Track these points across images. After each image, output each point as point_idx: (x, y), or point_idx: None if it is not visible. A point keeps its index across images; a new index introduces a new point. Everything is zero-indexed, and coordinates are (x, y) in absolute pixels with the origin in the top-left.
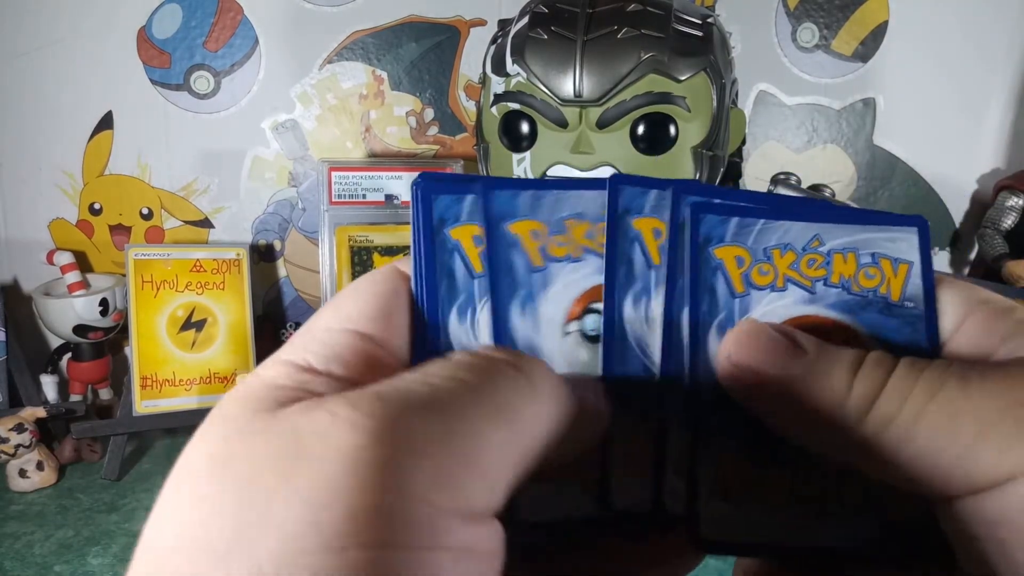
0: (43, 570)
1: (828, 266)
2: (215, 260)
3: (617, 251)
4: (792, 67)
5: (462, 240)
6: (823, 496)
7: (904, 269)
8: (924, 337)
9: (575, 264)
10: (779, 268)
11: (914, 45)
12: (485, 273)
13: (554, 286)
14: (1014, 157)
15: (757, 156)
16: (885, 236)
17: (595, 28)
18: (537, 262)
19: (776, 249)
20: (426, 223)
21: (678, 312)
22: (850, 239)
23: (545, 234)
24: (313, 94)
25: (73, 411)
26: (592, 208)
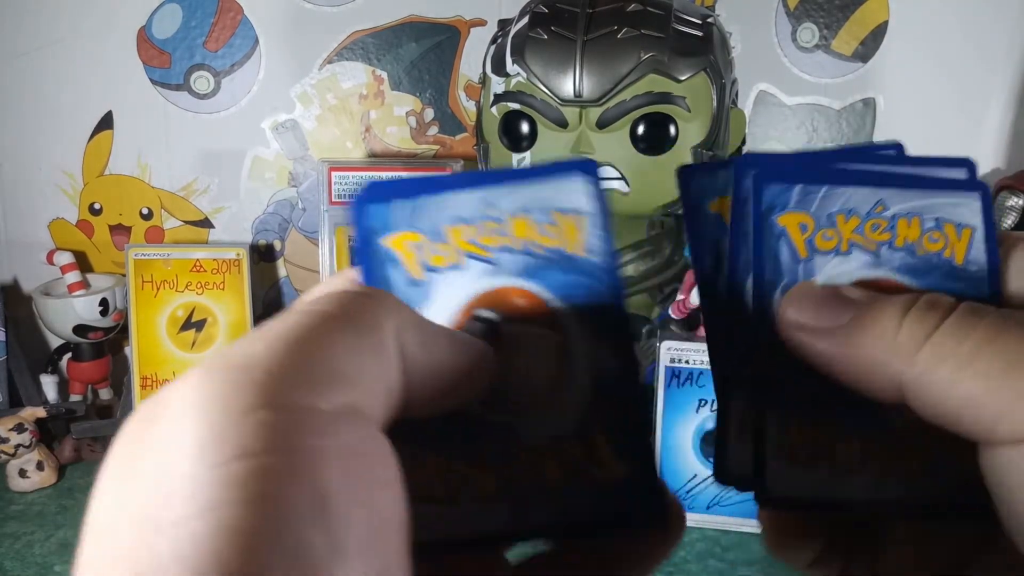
0: (43, 570)
1: (892, 230)
2: (215, 260)
3: (703, 241)
4: (792, 67)
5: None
6: (888, 456)
7: (967, 234)
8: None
9: (457, 272)
10: (843, 233)
11: (914, 45)
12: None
13: (436, 298)
14: (1014, 157)
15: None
16: (948, 201)
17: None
18: (416, 275)
19: (840, 214)
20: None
21: (743, 280)
22: (914, 204)
23: (424, 244)
24: (313, 94)
25: (73, 411)
26: (471, 210)
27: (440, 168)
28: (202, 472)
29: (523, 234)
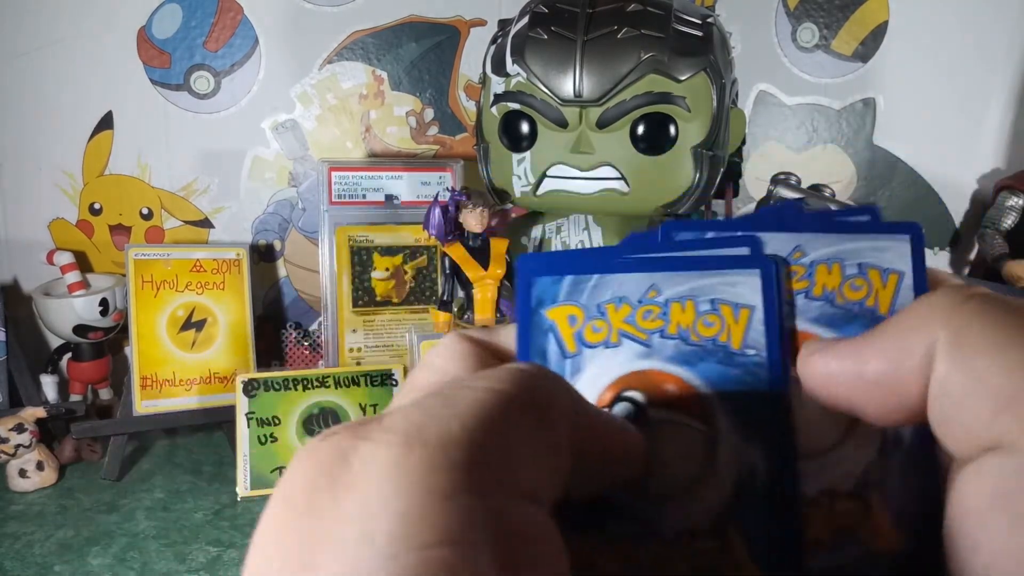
0: (43, 570)
1: (665, 316)
2: (215, 260)
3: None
4: (792, 67)
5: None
6: (655, 563)
7: (745, 314)
8: (767, 385)
9: (611, 350)
10: (613, 323)
11: (914, 45)
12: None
13: (586, 372)
14: (1014, 157)
15: (757, 156)
16: (726, 280)
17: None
18: (571, 348)
19: (611, 304)
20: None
21: None
22: (687, 286)
23: (582, 319)
24: (313, 94)
25: (73, 411)
26: (634, 291)
27: (441, 168)
28: (403, 553)
29: (682, 320)
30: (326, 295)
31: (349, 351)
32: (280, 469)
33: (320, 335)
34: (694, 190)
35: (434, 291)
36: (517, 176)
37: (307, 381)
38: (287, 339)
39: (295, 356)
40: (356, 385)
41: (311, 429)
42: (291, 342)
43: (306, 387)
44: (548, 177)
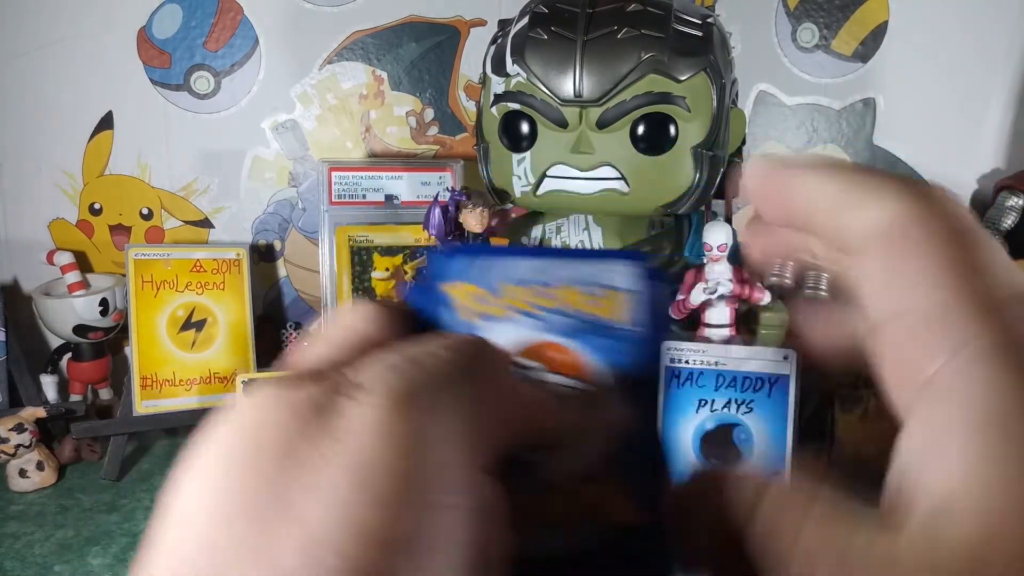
0: (43, 570)
1: (554, 297)
2: (215, 260)
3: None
4: (792, 67)
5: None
6: (550, 512)
7: (623, 296)
8: (641, 355)
9: (508, 324)
10: (507, 301)
11: (914, 45)
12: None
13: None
14: (1014, 157)
15: (757, 156)
16: (607, 268)
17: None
18: (471, 320)
19: (506, 283)
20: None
21: None
22: (574, 272)
23: (479, 295)
24: (313, 94)
25: (73, 411)
26: (527, 275)
27: (441, 168)
28: (403, 509)
29: (570, 301)
30: (326, 295)
31: None
32: None
33: None
34: (694, 190)
35: None
36: (517, 176)
37: None
38: (287, 339)
39: None
40: None
41: None
42: (291, 342)
43: None
44: (548, 177)
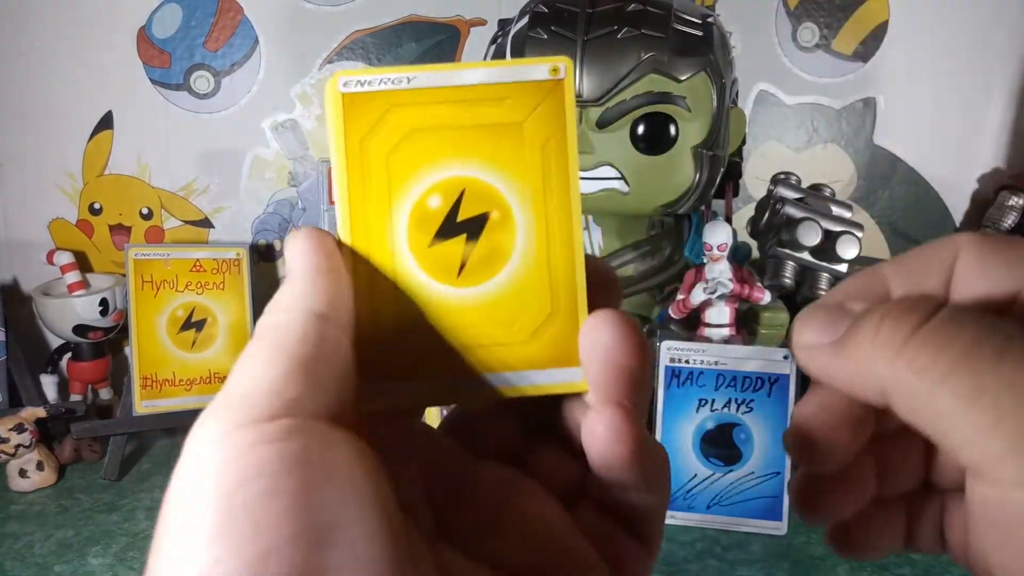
0: (43, 570)
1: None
2: (215, 260)
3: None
4: (792, 67)
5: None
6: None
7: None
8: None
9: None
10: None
11: (914, 45)
12: None
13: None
14: (1014, 157)
15: (757, 156)
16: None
17: (595, 28)
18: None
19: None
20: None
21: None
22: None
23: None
24: (313, 94)
25: (73, 411)
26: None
27: None
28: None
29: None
30: None
31: None
32: None
33: None
34: (694, 190)
35: None
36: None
37: None
38: None
39: None
40: None
41: None
42: None
43: None
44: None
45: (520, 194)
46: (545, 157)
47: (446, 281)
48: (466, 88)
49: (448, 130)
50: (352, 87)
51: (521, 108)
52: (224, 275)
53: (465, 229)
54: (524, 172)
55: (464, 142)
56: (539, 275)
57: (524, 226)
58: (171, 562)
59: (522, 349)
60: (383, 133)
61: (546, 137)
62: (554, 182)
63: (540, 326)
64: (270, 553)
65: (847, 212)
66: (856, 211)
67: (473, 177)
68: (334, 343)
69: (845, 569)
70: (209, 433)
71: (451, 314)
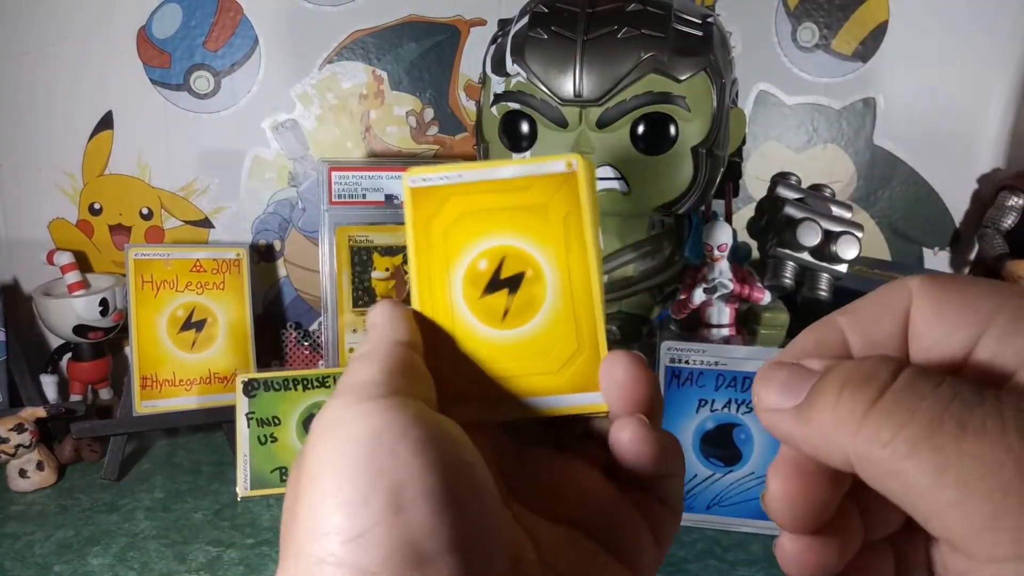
0: (43, 570)
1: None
2: (215, 260)
3: None
4: (792, 67)
5: None
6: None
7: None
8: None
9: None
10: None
11: (914, 45)
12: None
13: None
14: (1014, 157)
15: (757, 156)
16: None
17: (595, 28)
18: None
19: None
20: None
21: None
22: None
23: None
24: (313, 94)
25: (73, 411)
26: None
27: None
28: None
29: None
30: (326, 295)
31: (349, 351)
32: (280, 469)
33: (320, 335)
34: (694, 190)
35: None
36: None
37: (307, 381)
38: (287, 339)
39: (295, 356)
40: None
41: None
42: (291, 342)
43: (306, 387)
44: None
45: (548, 257)
46: (566, 228)
47: (493, 325)
48: (502, 181)
49: (491, 211)
50: (417, 183)
51: (544, 193)
52: (224, 275)
53: (507, 285)
54: (550, 240)
55: (503, 220)
56: (566, 319)
57: (552, 281)
58: (319, 497)
59: (554, 378)
60: (442, 216)
61: (566, 213)
62: (574, 246)
63: (568, 359)
64: (402, 486)
65: (847, 212)
66: (856, 211)
67: (511, 245)
68: (415, 359)
69: None
70: (333, 410)
71: (497, 350)
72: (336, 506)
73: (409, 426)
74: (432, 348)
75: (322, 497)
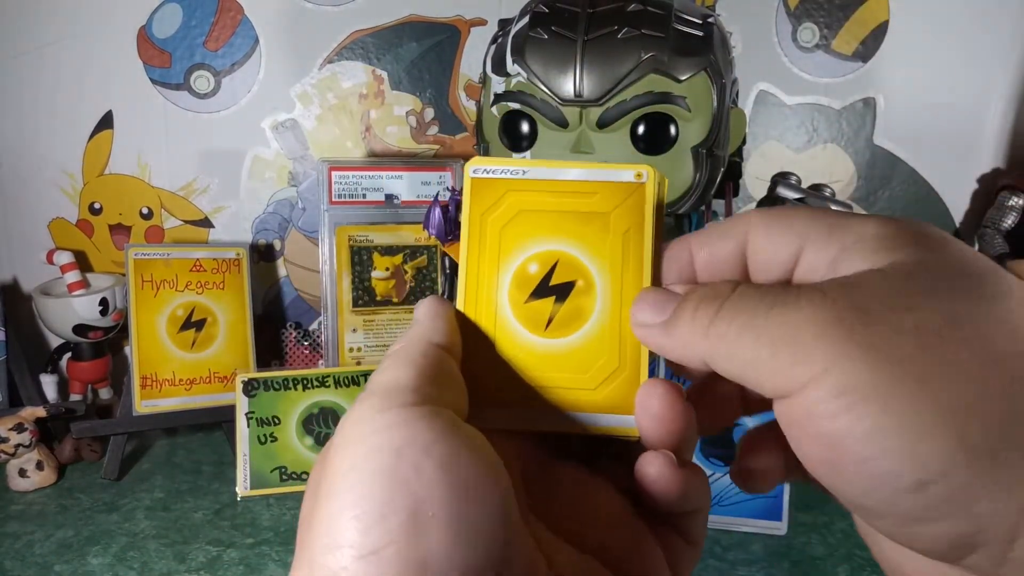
0: (43, 570)
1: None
2: (215, 260)
3: None
4: (792, 67)
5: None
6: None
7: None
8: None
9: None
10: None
11: (914, 45)
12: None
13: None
14: (1014, 157)
15: (757, 156)
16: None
17: (595, 28)
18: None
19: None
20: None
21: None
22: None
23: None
24: (313, 94)
25: (73, 411)
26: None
27: (441, 168)
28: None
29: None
30: (326, 295)
31: (349, 351)
32: (280, 469)
33: (320, 335)
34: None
35: (434, 291)
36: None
37: (307, 381)
38: (287, 339)
39: (295, 356)
40: (356, 385)
41: (311, 429)
42: (291, 342)
43: (306, 387)
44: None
45: (602, 270)
46: (625, 243)
47: (535, 332)
48: (567, 183)
49: (550, 214)
50: (479, 173)
51: (609, 202)
52: (224, 275)
53: (555, 292)
54: (607, 253)
55: (562, 224)
56: (611, 336)
57: (602, 296)
58: (337, 508)
59: (591, 395)
60: (500, 211)
61: (627, 227)
62: (631, 264)
63: (607, 378)
64: (423, 504)
65: None
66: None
67: (566, 252)
68: (449, 364)
69: (845, 569)
70: (359, 415)
71: (537, 359)
72: (353, 519)
73: (436, 441)
74: (471, 347)
75: (340, 509)
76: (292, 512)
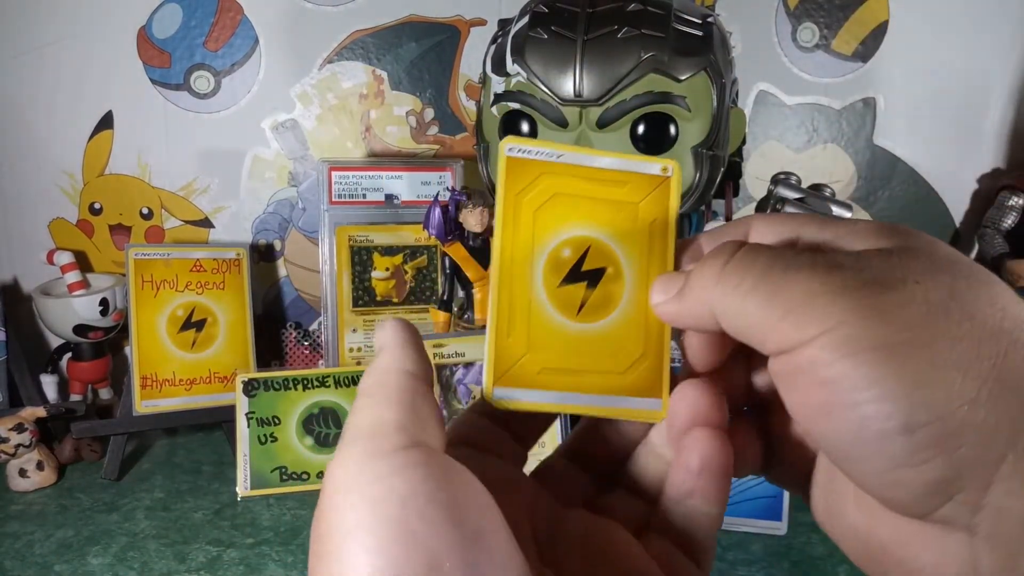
0: (43, 570)
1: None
2: (215, 260)
3: None
4: (792, 67)
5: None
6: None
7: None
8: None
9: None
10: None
11: (914, 45)
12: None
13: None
14: (1014, 157)
15: (757, 156)
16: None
17: (595, 28)
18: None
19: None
20: None
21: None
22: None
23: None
24: (313, 94)
25: (73, 411)
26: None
27: (441, 168)
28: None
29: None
30: (326, 295)
31: (349, 351)
32: (280, 469)
33: (320, 335)
34: (694, 190)
35: (434, 291)
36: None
37: (307, 381)
38: (287, 339)
39: (295, 356)
40: (356, 385)
41: (311, 429)
42: (291, 342)
43: (306, 387)
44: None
45: (630, 258)
46: (651, 232)
47: (567, 316)
48: (600, 170)
49: (583, 199)
50: (515, 152)
51: (638, 192)
52: (224, 275)
53: (587, 278)
54: (635, 241)
55: (594, 210)
56: (637, 323)
57: (630, 283)
58: (351, 570)
59: (618, 379)
60: (534, 192)
61: (654, 217)
62: (656, 252)
63: (634, 362)
64: (438, 557)
65: (847, 212)
66: (856, 211)
67: (597, 238)
68: (425, 393)
69: (845, 569)
70: (353, 464)
71: (569, 342)
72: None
73: (438, 488)
74: (504, 326)
75: (354, 570)
76: (292, 512)
